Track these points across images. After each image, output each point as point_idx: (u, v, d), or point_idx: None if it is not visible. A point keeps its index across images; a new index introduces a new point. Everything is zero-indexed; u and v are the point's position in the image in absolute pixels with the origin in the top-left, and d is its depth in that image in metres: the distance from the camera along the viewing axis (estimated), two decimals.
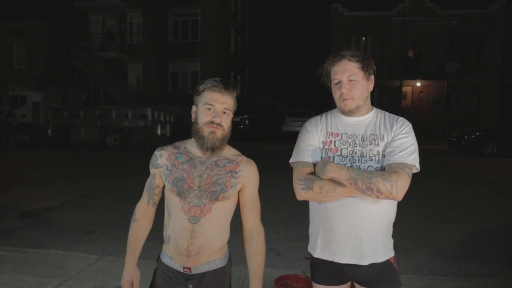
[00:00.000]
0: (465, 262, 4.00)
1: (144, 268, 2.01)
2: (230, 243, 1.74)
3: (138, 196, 1.70)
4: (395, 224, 1.68)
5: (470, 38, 21.64)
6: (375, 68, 1.62)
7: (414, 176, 1.53)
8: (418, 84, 21.99)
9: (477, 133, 13.56)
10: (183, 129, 18.65)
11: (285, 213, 5.56)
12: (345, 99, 1.56)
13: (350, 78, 1.55)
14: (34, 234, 4.70)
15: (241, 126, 19.94)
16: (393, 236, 1.67)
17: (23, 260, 3.71)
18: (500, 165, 11.13)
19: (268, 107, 24.37)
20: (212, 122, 1.48)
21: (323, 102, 20.90)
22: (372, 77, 1.62)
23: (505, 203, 6.51)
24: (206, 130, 1.49)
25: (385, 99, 22.15)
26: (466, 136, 13.57)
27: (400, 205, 1.63)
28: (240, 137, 17.30)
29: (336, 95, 1.60)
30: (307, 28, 31.35)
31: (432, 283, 3.41)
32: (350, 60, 1.56)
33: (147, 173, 1.67)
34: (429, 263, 4.00)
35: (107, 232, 4.81)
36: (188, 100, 21.27)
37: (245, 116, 20.37)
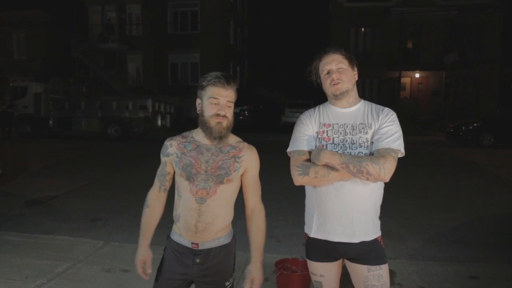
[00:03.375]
0: (457, 248, 4.16)
1: (136, 252, 2.13)
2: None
3: (139, 185, 1.84)
4: (391, 213, 1.82)
5: (470, 29, 21.63)
6: (356, 62, 1.79)
7: (411, 166, 1.67)
8: (417, 75, 22.06)
9: (475, 124, 13.65)
10: (183, 120, 18.74)
11: (285, 201, 5.71)
12: (336, 84, 1.72)
13: (338, 66, 1.72)
14: (41, 221, 4.85)
15: (241, 117, 20.04)
16: (389, 224, 1.82)
17: (33, 245, 3.87)
18: (497, 156, 11.29)
19: (267, 98, 24.42)
20: (218, 115, 1.63)
21: (322, 93, 20.99)
22: (356, 68, 1.79)
23: (499, 193, 6.67)
24: (213, 122, 1.63)
25: (384, 90, 22.22)
26: (463, 127, 13.68)
27: (397, 195, 1.76)
28: (240, 128, 17.41)
29: (326, 83, 1.76)
30: (306, 19, 31.26)
31: (425, 267, 3.57)
32: (334, 52, 1.75)
33: (148, 163, 1.81)
34: (423, 249, 4.16)
35: (111, 220, 4.96)
36: (187, 91, 21.38)
37: (245, 107, 20.47)
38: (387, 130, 1.66)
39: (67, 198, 5.99)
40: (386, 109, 1.75)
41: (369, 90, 22.64)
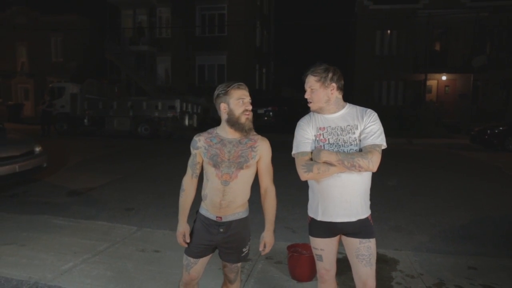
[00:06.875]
0: (462, 243, 4.42)
1: (165, 236, 2.61)
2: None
3: (167, 180, 2.29)
4: (403, 210, 2.19)
5: (500, 30, 21.20)
6: (335, 77, 2.11)
7: (431, 167, 2.02)
8: (444, 78, 21.78)
9: (501, 128, 13.48)
10: (209, 120, 19.28)
11: (302, 197, 6.04)
12: (309, 103, 2.16)
13: (311, 88, 2.12)
14: (82, 209, 5.44)
15: (265, 118, 20.40)
16: (400, 220, 2.17)
17: (77, 228, 4.43)
18: None
19: (292, 99, 24.68)
20: (247, 110, 2.09)
21: (346, 94, 21.07)
22: (333, 84, 2.11)
23: None
24: (243, 118, 2.09)
25: (409, 92, 22.06)
26: (488, 131, 13.52)
27: (412, 193, 2.09)
28: (264, 129, 17.82)
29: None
30: (332, 21, 31.36)
31: (427, 258, 3.86)
32: (311, 75, 2.12)
33: (175, 160, 2.27)
34: (429, 243, 4.44)
35: (143, 209, 5.49)
36: (214, 92, 21.83)
37: (269, 109, 20.79)
38: (371, 129, 2.06)
39: (103, 190, 6.58)
40: (369, 111, 2.13)
41: (394, 92, 22.55)
